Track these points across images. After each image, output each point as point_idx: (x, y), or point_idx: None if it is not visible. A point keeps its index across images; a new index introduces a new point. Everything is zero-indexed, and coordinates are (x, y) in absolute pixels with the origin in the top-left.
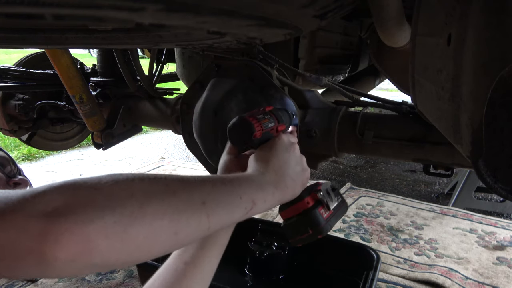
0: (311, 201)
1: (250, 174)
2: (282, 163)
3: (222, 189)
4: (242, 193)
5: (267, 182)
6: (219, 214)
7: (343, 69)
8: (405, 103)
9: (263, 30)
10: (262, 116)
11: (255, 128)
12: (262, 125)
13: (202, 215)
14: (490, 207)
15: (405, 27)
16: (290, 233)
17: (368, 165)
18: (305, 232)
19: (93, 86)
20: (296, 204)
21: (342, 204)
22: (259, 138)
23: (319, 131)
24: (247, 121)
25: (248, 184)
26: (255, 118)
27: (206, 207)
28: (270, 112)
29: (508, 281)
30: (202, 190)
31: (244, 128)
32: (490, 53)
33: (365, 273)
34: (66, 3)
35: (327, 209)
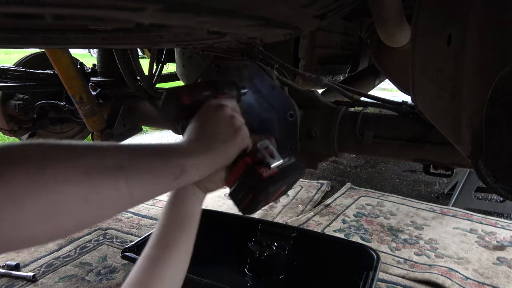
0: (249, 161)
1: (179, 142)
2: (208, 125)
3: (143, 155)
4: (167, 158)
5: (196, 148)
6: (142, 178)
7: (343, 69)
8: (405, 103)
9: (263, 30)
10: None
11: (182, 97)
12: (195, 92)
13: (120, 180)
14: (490, 207)
15: (405, 27)
16: (236, 201)
17: (368, 165)
18: (246, 196)
19: (93, 86)
20: (234, 168)
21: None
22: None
23: (319, 131)
24: (174, 90)
25: (175, 150)
26: (185, 88)
27: (123, 172)
28: (208, 82)
29: (508, 281)
30: (118, 155)
31: (171, 97)
32: (490, 53)
33: (365, 273)
34: (66, 3)
35: (268, 168)
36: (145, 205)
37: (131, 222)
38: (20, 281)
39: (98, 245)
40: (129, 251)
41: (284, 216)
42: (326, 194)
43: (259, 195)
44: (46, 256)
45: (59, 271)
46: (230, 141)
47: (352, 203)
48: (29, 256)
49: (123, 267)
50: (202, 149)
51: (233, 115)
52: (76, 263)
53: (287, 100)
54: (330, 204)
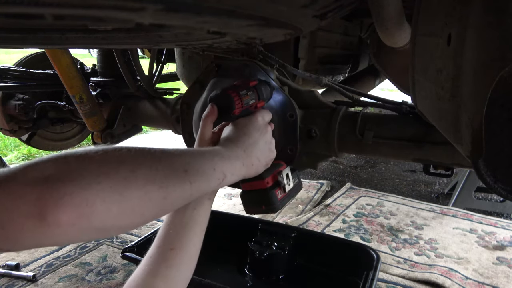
0: (271, 181)
1: (222, 149)
2: (252, 142)
3: (200, 160)
4: (215, 165)
5: (236, 157)
6: (199, 182)
7: (343, 69)
8: (405, 103)
9: (263, 30)
10: (245, 92)
11: (235, 105)
12: (243, 102)
13: (186, 182)
14: (490, 207)
15: (405, 27)
16: (246, 203)
17: (368, 165)
18: (259, 207)
19: (93, 86)
20: (257, 181)
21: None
22: (237, 116)
23: (319, 131)
24: (230, 97)
25: (220, 157)
26: (238, 94)
27: (188, 175)
28: (253, 88)
29: (508, 281)
30: (183, 159)
31: (225, 104)
32: (490, 53)
33: (365, 273)
34: (66, 3)
35: (283, 191)
36: None
37: None
38: (20, 281)
39: (98, 245)
40: (129, 251)
41: (284, 216)
42: (326, 194)
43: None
44: (46, 256)
45: (59, 271)
46: (263, 160)
47: (352, 203)
48: (29, 256)
49: (123, 267)
50: (240, 159)
51: (272, 137)
52: (76, 263)
53: (287, 100)
54: (330, 204)
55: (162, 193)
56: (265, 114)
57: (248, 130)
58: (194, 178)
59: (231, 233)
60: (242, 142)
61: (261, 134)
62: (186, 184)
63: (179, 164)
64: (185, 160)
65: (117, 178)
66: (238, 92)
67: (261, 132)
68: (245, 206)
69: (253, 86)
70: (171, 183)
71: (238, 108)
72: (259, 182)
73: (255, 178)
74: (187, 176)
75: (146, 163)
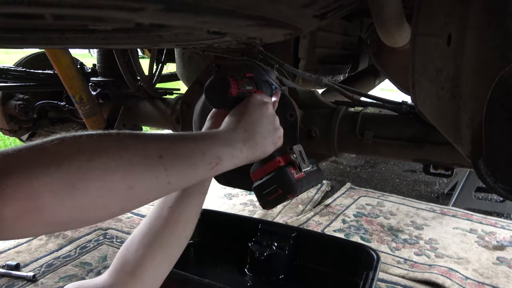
0: (283, 161)
1: (217, 130)
2: (253, 119)
3: (183, 144)
4: (206, 148)
5: (236, 138)
6: (180, 168)
7: (343, 69)
8: (405, 103)
9: (263, 30)
10: (241, 78)
11: (231, 85)
12: (239, 85)
13: (159, 169)
14: (490, 207)
15: (405, 27)
16: (261, 194)
17: (368, 165)
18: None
19: (93, 86)
20: (267, 164)
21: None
22: (235, 97)
23: (319, 131)
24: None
25: (214, 140)
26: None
27: (163, 161)
28: (250, 78)
29: (508, 281)
30: (159, 144)
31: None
32: (490, 53)
33: (365, 273)
34: (66, 3)
35: (299, 170)
36: None
37: (131, 222)
38: (20, 281)
39: (98, 245)
40: None
41: (284, 216)
42: (326, 194)
43: (289, 193)
44: (46, 256)
45: (59, 271)
46: (269, 138)
47: (352, 203)
48: (29, 256)
49: None
50: (241, 140)
51: (274, 114)
52: (76, 263)
53: (287, 100)
54: (330, 204)
55: (126, 183)
56: (264, 96)
57: (248, 109)
58: (171, 165)
59: (231, 233)
60: (244, 121)
61: (262, 111)
62: (160, 171)
63: (153, 149)
64: (162, 144)
65: (70, 169)
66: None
67: (262, 109)
68: (261, 199)
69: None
70: (137, 171)
71: (235, 89)
72: (270, 164)
73: (264, 161)
74: (162, 163)
75: (108, 150)
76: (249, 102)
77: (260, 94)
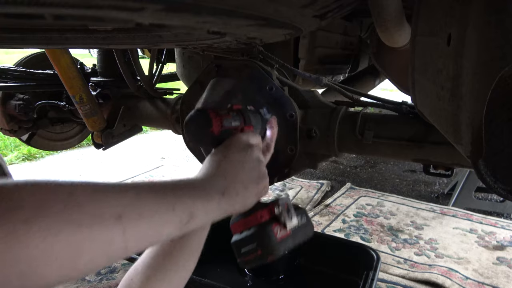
0: (266, 215)
1: (193, 178)
2: (234, 165)
3: (149, 199)
4: (175, 202)
5: (213, 187)
6: (141, 229)
7: (343, 69)
8: (405, 103)
9: (263, 30)
10: (227, 112)
11: (212, 122)
12: (223, 121)
13: (116, 231)
14: (490, 207)
15: (405, 27)
16: (239, 252)
17: (368, 165)
18: (255, 251)
19: (93, 86)
20: (248, 217)
21: (305, 226)
22: (218, 136)
23: (319, 131)
24: (205, 114)
25: (187, 191)
26: (216, 112)
27: (122, 221)
28: (238, 111)
29: (508, 281)
30: (120, 200)
31: (201, 121)
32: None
33: (365, 273)
34: (66, 3)
35: (283, 228)
36: None
37: None
38: None
39: None
40: None
41: None
42: (326, 194)
43: (270, 255)
44: None
45: None
46: (251, 188)
47: (352, 203)
48: None
49: (123, 267)
50: (219, 189)
51: (260, 159)
52: None
53: (287, 100)
54: (330, 204)
55: (70, 251)
56: (251, 135)
57: (229, 151)
58: (132, 226)
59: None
60: (223, 166)
61: (247, 155)
62: (116, 234)
63: (110, 207)
64: (123, 200)
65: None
66: (217, 111)
67: (246, 153)
68: (239, 257)
69: (237, 109)
70: (87, 236)
71: (217, 126)
72: (251, 218)
73: (245, 214)
74: (120, 224)
75: (53, 208)
76: (231, 143)
77: (247, 131)
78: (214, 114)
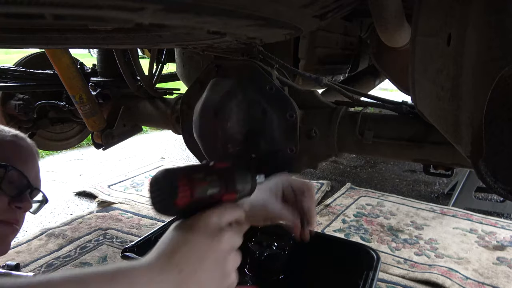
0: None
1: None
2: (194, 256)
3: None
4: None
5: (163, 281)
6: None
7: (343, 69)
8: (405, 103)
9: (263, 30)
10: (203, 176)
11: (178, 192)
12: (196, 189)
13: None
14: (490, 207)
15: (405, 27)
16: None
17: (368, 165)
18: None
19: (93, 86)
20: None
21: None
22: (184, 210)
23: (319, 131)
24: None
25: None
26: (189, 177)
27: None
28: (219, 171)
29: (508, 281)
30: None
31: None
32: (490, 53)
33: (365, 273)
34: (66, 3)
35: None
36: (145, 204)
37: (131, 222)
38: None
39: (98, 245)
40: (129, 251)
41: None
42: (326, 194)
43: None
44: (46, 256)
45: (59, 271)
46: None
47: (352, 203)
48: (29, 256)
49: None
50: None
51: (229, 252)
52: (76, 263)
53: (287, 100)
54: (330, 204)
55: None
56: (228, 211)
57: (193, 234)
58: None
59: None
60: (180, 256)
61: (213, 244)
62: None
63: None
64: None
65: None
66: (191, 175)
67: (212, 241)
68: None
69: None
70: None
71: (184, 197)
72: None
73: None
74: None
75: None
76: (197, 223)
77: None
78: (185, 181)
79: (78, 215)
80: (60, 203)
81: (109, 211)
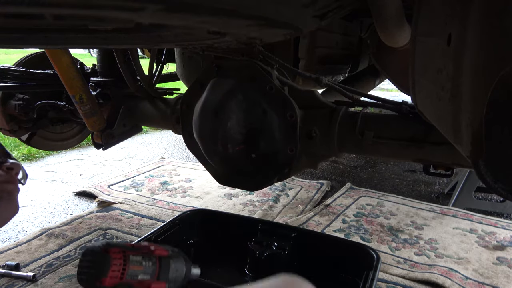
0: None
1: None
2: None
3: None
4: None
5: None
6: None
7: (343, 69)
8: (405, 103)
9: (263, 30)
10: (140, 259)
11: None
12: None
13: None
14: (490, 207)
15: (405, 27)
16: None
17: (368, 165)
18: None
19: (93, 86)
20: None
21: None
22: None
23: (319, 131)
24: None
25: None
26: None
27: None
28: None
29: (508, 281)
30: None
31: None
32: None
33: (365, 273)
34: (66, 3)
35: None
36: (145, 205)
37: (131, 222)
38: (20, 281)
39: None
40: None
41: (284, 216)
42: (326, 194)
43: None
44: (46, 256)
45: (59, 271)
46: None
47: (352, 203)
48: (29, 256)
49: None
50: None
51: None
52: (76, 263)
53: (287, 100)
54: (330, 204)
55: None
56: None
57: None
58: None
59: (231, 233)
60: None
61: None
62: None
63: None
64: None
65: None
66: (128, 256)
67: None
68: None
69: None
70: None
71: (113, 278)
72: None
73: None
74: None
75: None
76: None
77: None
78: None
79: (78, 215)
80: (60, 203)
81: (109, 211)
